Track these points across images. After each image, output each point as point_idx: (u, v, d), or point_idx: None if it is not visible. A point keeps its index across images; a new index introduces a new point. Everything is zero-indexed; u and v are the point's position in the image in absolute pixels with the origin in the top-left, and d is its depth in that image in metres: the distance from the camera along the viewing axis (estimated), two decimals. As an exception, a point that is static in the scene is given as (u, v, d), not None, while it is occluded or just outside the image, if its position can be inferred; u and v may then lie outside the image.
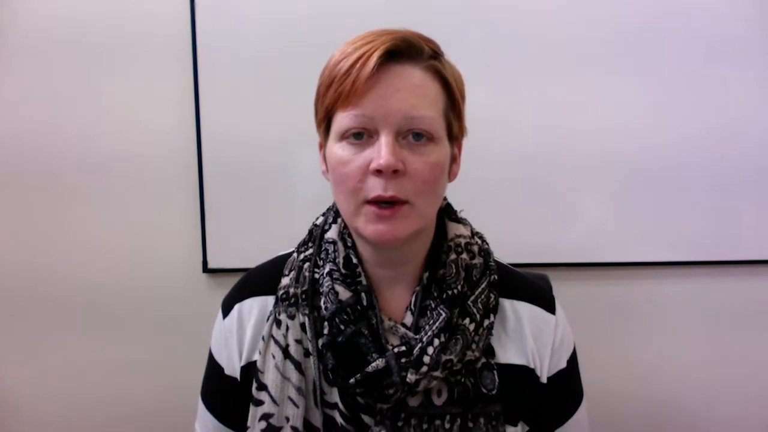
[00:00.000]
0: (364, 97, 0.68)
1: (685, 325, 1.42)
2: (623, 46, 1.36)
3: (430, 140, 0.70)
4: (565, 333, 0.83)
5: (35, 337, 1.43)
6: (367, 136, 0.70)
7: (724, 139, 1.37)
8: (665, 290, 0.98)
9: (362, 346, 0.73)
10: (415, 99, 0.69)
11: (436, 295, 0.76)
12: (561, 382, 0.82)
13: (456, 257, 0.78)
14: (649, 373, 1.49)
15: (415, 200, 0.70)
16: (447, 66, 0.74)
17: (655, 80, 1.37)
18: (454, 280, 0.76)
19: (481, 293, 0.78)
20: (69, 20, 1.33)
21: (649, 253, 1.39)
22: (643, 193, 1.38)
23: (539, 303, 0.82)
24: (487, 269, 0.80)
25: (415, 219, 0.71)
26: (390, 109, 0.68)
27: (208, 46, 1.34)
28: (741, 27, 1.36)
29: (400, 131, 0.69)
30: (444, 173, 0.74)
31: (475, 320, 0.76)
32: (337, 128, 0.71)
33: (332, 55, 0.73)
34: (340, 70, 0.69)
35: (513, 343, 0.80)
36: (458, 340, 0.74)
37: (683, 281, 1.40)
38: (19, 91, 1.35)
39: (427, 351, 0.72)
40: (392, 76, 0.69)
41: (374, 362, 0.72)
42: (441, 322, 0.74)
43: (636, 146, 1.37)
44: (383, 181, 0.68)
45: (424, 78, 0.71)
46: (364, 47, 0.69)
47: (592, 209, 1.36)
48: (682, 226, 1.39)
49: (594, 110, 1.38)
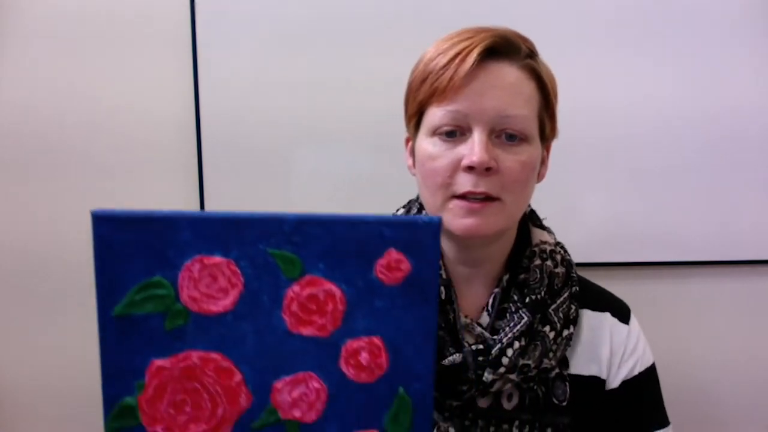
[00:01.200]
0: (459, 93, 0.68)
1: (684, 325, 1.42)
2: (620, 46, 1.35)
3: (523, 140, 0.70)
4: (639, 344, 0.82)
5: (34, 323, 1.41)
6: (460, 134, 0.70)
7: (724, 138, 1.37)
8: (665, 290, 0.97)
9: (439, 339, 0.73)
10: (510, 97, 0.69)
11: (516, 299, 0.75)
12: (633, 390, 0.80)
13: (541, 263, 0.77)
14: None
15: (505, 198, 0.70)
16: (542, 66, 0.74)
17: (656, 80, 1.36)
18: (538, 285, 0.76)
19: (562, 303, 0.77)
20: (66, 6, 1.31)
21: (649, 253, 1.38)
22: (642, 193, 1.38)
23: (615, 313, 0.82)
24: (569, 280, 0.80)
25: (504, 217, 0.71)
26: (485, 107, 0.68)
27: (208, 40, 1.32)
28: (740, 26, 1.35)
29: (494, 129, 0.69)
30: (534, 173, 0.73)
31: (555, 329, 0.75)
32: (429, 123, 0.71)
33: (425, 51, 0.73)
34: (436, 66, 0.69)
35: (586, 354, 0.79)
36: (537, 347, 0.74)
37: (683, 281, 1.39)
38: (16, 76, 1.33)
39: (507, 353, 0.72)
40: (489, 74, 0.69)
41: (451, 356, 0.71)
42: (522, 325, 0.73)
43: (636, 146, 1.36)
44: (474, 178, 0.68)
45: (520, 77, 0.71)
46: (463, 43, 0.69)
47: (592, 209, 1.36)
48: (682, 226, 1.38)
49: (594, 111, 1.37)
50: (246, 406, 0.56)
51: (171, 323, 0.55)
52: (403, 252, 0.53)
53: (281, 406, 0.56)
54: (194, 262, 0.54)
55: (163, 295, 0.54)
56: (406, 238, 0.53)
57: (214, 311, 0.54)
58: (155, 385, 0.56)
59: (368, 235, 0.53)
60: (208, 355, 0.55)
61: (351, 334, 0.55)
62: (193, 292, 0.54)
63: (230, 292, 0.54)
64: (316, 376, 0.56)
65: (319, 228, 0.53)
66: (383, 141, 1.27)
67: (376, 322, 0.55)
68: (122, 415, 0.56)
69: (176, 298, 0.54)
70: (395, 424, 0.56)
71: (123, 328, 0.55)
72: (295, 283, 0.54)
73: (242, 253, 0.53)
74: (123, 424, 0.57)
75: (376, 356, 0.55)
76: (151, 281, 0.54)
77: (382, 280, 0.54)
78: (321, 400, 0.56)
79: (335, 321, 0.55)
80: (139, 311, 0.54)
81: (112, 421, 0.57)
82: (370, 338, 0.55)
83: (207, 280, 0.54)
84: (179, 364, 0.55)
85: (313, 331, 0.55)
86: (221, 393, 0.56)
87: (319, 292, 0.54)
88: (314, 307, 0.54)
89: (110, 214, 0.53)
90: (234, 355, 0.55)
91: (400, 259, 0.54)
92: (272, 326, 0.55)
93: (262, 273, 0.54)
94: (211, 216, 0.53)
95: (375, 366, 0.55)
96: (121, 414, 0.56)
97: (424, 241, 0.53)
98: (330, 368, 0.55)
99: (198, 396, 0.56)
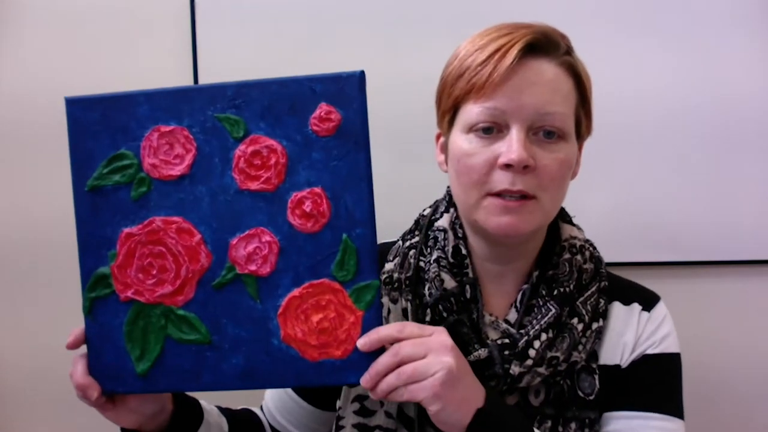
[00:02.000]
0: (498, 89, 0.66)
1: (684, 325, 1.38)
2: (621, 46, 1.30)
3: (561, 138, 0.69)
4: (659, 330, 0.79)
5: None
6: (497, 131, 0.68)
7: (724, 138, 1.35)
8: (665, 290, 0.97)
9: (464, 335, 0.71)
10: (549, 94, 0.68)
11: (544, 293, 0.73)
12: (641, 369, 0.76)
13: (570, 257, 0.76)
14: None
15: (541, 196, 0.68)
16: (579, 63, 0.73)
17: (656, 77, 1.35)
18: (567, 278, 0.74)
19: (590, 296, 0.76)
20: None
21: (649, 253, 1.36)
22: (642, 193, 1.36)
23: (641, 302, 0.80)
24: (598, 275, 0.78)
25: (539, 215, 0.70)
26: (523, 103, 0.67)
27: (208, 44, 1.31)
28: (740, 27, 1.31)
29: (532, 127, 0.68)
30: (570, 171, 0.72)
31: (584, 321, 0.73)
32: (464, 120, 0.70)
33: (459, 46, 0.72)
34: (474, 62, 0.68)
35: (612, 345, 0.77)
36: (565, 339, 0.72)
37: (683, 281, 1.37)
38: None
39: (534, 345, 0.70)
40: (528, 70, 0.67)
41: (476, 352, 0.70)
42: (550, 317, 0.72)
43: (635, 146, 1.36)
44: (511, 176, 0.66)
45: (559, 74, 0.69)
46: (502, 39, 0.68)
47: (592, 209, 1.34)
48: (682, 226, 1.36)
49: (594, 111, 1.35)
50: (207, 265, 0.61)
51: (136, 192, 0.62)
52: (333, 104, 0.60)
53: (238, 261, 0.61)
54: (153, 132, 0.61)
55: (128, 164, 0.62)
56: (334, 90, 0.60)
57: (172, 175, 0.61)
58: (124, 252, 0.62)
59: (300, 92, 0.60)
60: (170, 219, 0.61)
61: (295, 188, 0.60)
62: (153, 159, 0.61)
63: (185, 157, 0.61)
64: (268, 231, 0.61)
65: (257, 89, 0.61)
66: (394, 141, 1.23)
67: (317, 173, 0.60)
68: (97, 285, 0.62)
69: (140, 167, 0.62)
70: (342, 270, 0.60)
71: (95, 201, 0.62)
72: (241, 143, 0.61)
73: (193, 121, 0.61)
74: (99, 293, 0.62)
75: (318, 204, 0.60)
76: (116, 154, 0.62)
77: (317, 132, 0.60)
78: (273, 253, 0.61)
79: (279, 174, 0.60)
80: (108, 183, 0.62)
81: (88, 291, 0.62)
82: (312, 189, 0.60)
83: (165, 148, 0.61)
84: (145, 230, 0.62)
85: (260, 186, 0.61)
86: (183, 253, 0.61)
87: (262, 148, 0.60)
88: (259, 162, 0.60)
89: (80, 98, 0.62)
90: (192, 217, 0.61)
91: (330, 110, 0.60)
92: (225, 186, 0.61)
93: (211, 137, 0.61)
94: (165, 90, 0.62)
95: (318, 214, 0.60)
96: (96, 284, 0.62)
97: (350, 93, 0.60)
98: (279, 221, 0.61)
99: (163, 258, 0.61)
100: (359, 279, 0.60)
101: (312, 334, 0.60)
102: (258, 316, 0.61)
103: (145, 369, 0.61)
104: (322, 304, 0.60)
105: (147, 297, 0.61)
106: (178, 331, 0.61)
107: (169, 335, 0.61)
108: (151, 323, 0.61)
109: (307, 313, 0.60)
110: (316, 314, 0.60)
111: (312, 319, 0.60)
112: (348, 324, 0.60)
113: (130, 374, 0.62)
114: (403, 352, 0.58)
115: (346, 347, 0.60)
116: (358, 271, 0.60)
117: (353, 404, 0.74)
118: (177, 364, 0.61)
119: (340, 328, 0.60)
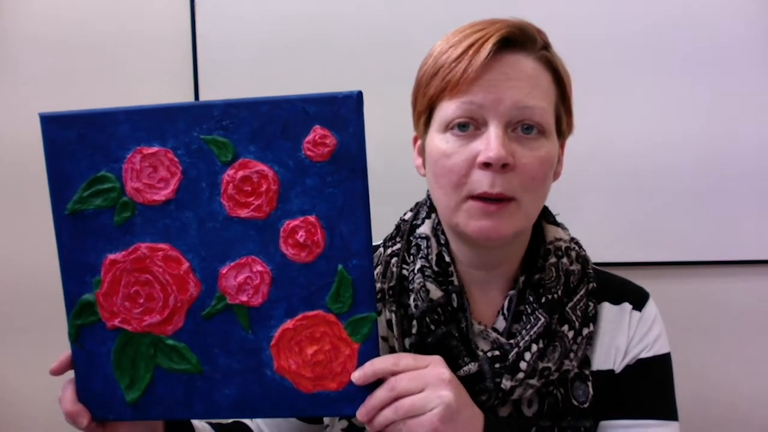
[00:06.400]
0: (474, 84, 0.64)
1: (684, 325, 1.37)
2: (621, 48, 1.32)
3: (541, 133, 0.66)
4: (651, 331, 0.77)
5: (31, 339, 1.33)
6: (474, 128, 0.65)
7: (724, 138, 1.32)
8: (665, 290, 0.95)
9: (453, 348, 0.69)
10: (527, 88, 0.65)
11: (532, 300, 0.71)
12: (636, 374, 0.75)
13: (556, 261, 0.73)
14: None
15: (522, 197, 0.66)
16: (557, 58, 0.70)
17: (656, 81, 1.32)
18: (554, 284, 0.72)
19: (579, 300, 0.73)
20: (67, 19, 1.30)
21: (649, 253, 1.35)
22: (642, 193, 1.34)
23: (631, 301, 0.77)
24: (585, 276, 0.76)
25: (520, 217, 0.67)
26: (500, 97, 0.64)
27: (208, 45, 1.32)
28: (740, 27, 1.32)
29: (510, 122, 0.65)
30: (552, 170, 0.69)
31: (574, 327, 0.72)
32: (441, 118, 0.67)
33: (434, 46, 0.70)
34: (448, 58, 0.66)
35: (605, 349, 0.75)
36: (556, 348, 0.70)
37: (683, 281, 1.35)
38: (15, 89, 1.31)
39: (524, 357, 0.68)
40: (504, 65, 0.65)
41: (466, 366, 0.68)
42: (539, 327, 0.69)
43: (635, 146, 1.32)
44: (490, 176, 0.64)
45: (537, 68, 0.67)
46: (476, 34, 0.66)
47: (591, 209, 1.33)
48: (681, 226, 1.34)
49: (592, 111, 1.32)
50: (196, 294, 0.58)
51: (120, 217, 0.58)
52: (328, 127, 0.56)
53: (228, 291, 0.58)
54: (135, 154, 0.57)
55: (110, 188, 0.58)
56: (329, 112, 0.55)
57: (157, 200, 0.58)
58: (109, 280, 0.59)
59: (293, 114, 0.56)
60: (156, 245, 0.58)
61: (287, 216, 0.57)
62: (136, 183, 0.58)
63: (170, 181, 0.57)
64: (259, 260, 0.58)
65: (246, 110, 0.56)
66: (389, 140, 1.23)
67: (310, 201, 0.57)
68: (83, 312, 0.60)
69: (122, 191, 0.58)
70: (338, 303, 0.58)
71: (76, 225, 0.59)
72: (229, 167, 0.57)
73: (178, 142, 0.57)
74: (84, 321, 0.60)
75: (312, 234, 0.57)
76: (97, 176, 0.58)
77: (311, 157, 0.56)
78: (265, 283, 0.58)
79: (270, 202, 0.57)
80: (89, 207, 0.58)
81: (74, 318, 0.60)
82: (306, 217, 0.57)
83: (148, 171, 0.57)
84: (130, 257, 0.58)
85: (251, 213, 0.57)
86: (171, 282, 0.58)
87: (252, 173, 0.57)
88: (249, 189, 0.57)
89: (56, 114, 0.58)
90: (179, 245, 0.58)
91: (325, 134, 0.56)
92: (213, 212, 0.57)
93: (197, 160, 0.57)
94: (146, 107, 0.57)
95: (312, 243, 0.57)
96: (81, 311, 0.60)
97: (346, 115, 0.55)
98: (271, 250, 0.57)
99: (150, 287, 0.59)
100: (355, 311, 0.57)
101: (306, 367, 0.58)
102: (250, 346, 0.58)
103: (135, 398, 0.60)
104: (317, 336, 0.58)
105: (135, 326, 0.59)
106: (168, 361, 0.59)
107: (158, 364, 0.59)
108: (140, 352, 0.59)
109: (301, 345, 0.58)
110: (311, 346, 0.58)
111: (306, 351, 0.58)
112: (344, 357, 0.58)
113: (120, 402, 0.60)
114: (400, 387, 0.57)
115: (341, 379, 0.58)
116: (354, 303, 0.57)
117: (341, 422, 0.73)
118: (168, 394, 0.60)
119: (335, 361, 0.58)
